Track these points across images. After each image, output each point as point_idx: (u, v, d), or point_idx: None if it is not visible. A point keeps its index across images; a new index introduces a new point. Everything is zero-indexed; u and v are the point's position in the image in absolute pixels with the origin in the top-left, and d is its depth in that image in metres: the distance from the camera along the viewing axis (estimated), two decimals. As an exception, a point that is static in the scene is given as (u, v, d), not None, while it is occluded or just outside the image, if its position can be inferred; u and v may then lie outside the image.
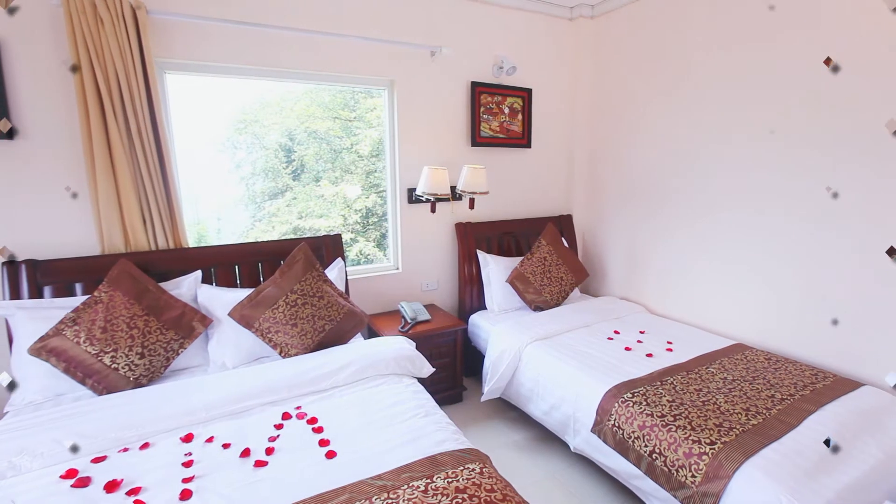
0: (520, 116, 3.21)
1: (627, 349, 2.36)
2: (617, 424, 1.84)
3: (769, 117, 2.31)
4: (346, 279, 2.58)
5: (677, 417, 1.73)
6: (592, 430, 1.95)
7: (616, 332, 2.58)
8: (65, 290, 2.02)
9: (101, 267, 2.03)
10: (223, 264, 2.33)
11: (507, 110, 3.15)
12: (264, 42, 2.39)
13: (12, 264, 1.95)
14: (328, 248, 2.58)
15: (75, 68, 1.90)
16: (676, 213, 2.84)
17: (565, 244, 3.22)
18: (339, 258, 2.56)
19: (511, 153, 3.29)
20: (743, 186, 2.47)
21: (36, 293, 1.97)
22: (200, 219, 2.73)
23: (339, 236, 2.64)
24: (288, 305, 2.11)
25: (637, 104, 3.02)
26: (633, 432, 1.77)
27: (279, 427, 1.61)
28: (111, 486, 1.31)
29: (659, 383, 1.98)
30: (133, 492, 1.30)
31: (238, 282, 2.36)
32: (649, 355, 2.29)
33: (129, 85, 2.03)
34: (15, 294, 1.94)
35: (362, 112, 3.00)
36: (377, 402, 1.77)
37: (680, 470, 1.58)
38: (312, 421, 1.64)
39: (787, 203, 2.28)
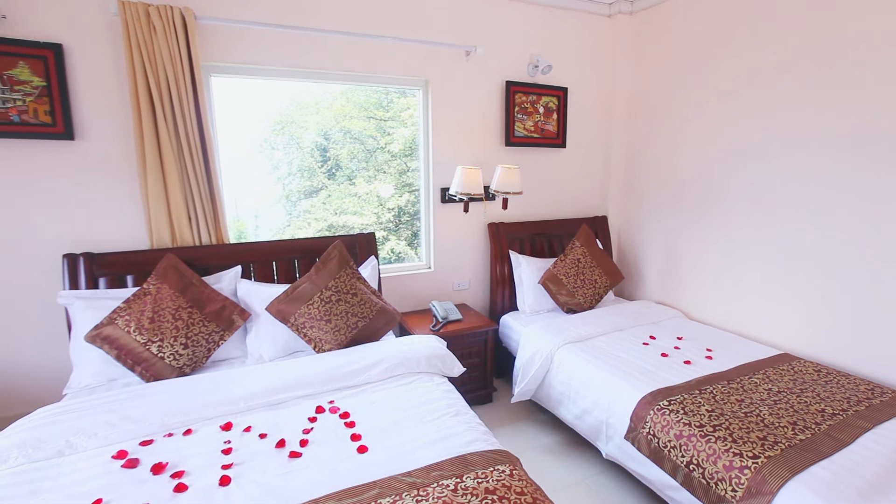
0: (555, 116, 3.16)
1: (664, 355, 2.28)
2: (652, 432, 1.79)
3: (824, 122, 2.18)
4: (379, 277, 2.62)
5: (717, 428, 1.66)
6: (626, 437, 1.90)
7: (652, 338, 2.50)
8: (117, 282, 2.14)
9: (150, 261, 2.15)
10: (261, 260, 2.41)
11: (541, 110, 3.11)
12: (303, 44, 2.46)
13: (72, 257, 2.08)
14: (362, 246, 2.62)
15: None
16: (720, 218, 2.73)
17: (600, 246, 3.15)
18: (373, 256, 2.60)
19: (545, 153, 3.24)
20: (795, 191, 2.34)
21: (92, 284, 2.10)
22: (239, 216, 2.83)
23: (372, 234, 2.68)
24: (322, 302, 2.16)
25: (680, 104, 2.92)
26: (670, 441, 1.71)
27: (313, 420, 1.65)
28: (157, 469, 1.38)
29: (697, 392, 1.90)
30: (177, 475, 1.36)
31: (275, 277, 2.44)
32: (687, 362, 2.21)
33: (178, 88, 2.14)
34: (74, 284, 2.07)
35: (396, 112, 3.03)
36: (408, 400, 1.78)
37: (719, 483, 1.52)
38: (345, 415, 1.68)
39: (843, 210, 2.15)
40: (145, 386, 1.81)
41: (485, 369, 2.73)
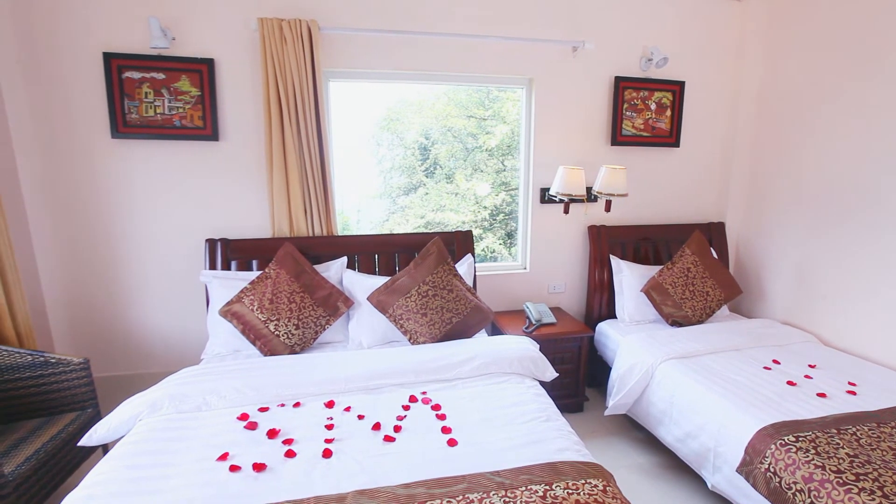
0: (668, 112, 2.93)
1: (790, 384, 2.00)
2: (773, 470, 1.57)
3: None
4: (475, 275, 2.65)
5: (861, 478, 1.41)
6: (738, 470, 1.70)
7: (775, 362, 2.20)
8: (245, 265, 2.43)
9: (272, 248, 2.40)
10: (365, 252, 2.57)
11: (653, 106, 2.90)
12: (410, 47, 2.56)
13: (212, 242, 2.41)
14: (459, 243, 2.67)
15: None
16: (875, 230, 2.30)
17: (714, 255, 2.85)
18: (469, 254, 2.64)
19: (655, 153, 3.02)
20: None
21: (226, 266, 2.41)
22: (344, 209, 3.05)
23: (469, 232, 2.72)
24: (419, 296, 2.25)
25: (827, 97, 2.50)
26: (796, 483, 1.50)
27: (406, 408, 1.72)
28: (272, 434, 1.54)
29: (835, 431, 1.63)
30: (287, 441, 1.51)
31: (376, 269, 2.59)
32: (821, 395, 1.91)
33: (302, 94, 2.36)
34: (212, 265, 2.40)
35: (496, 110, 3.03)
36: (498, 399, 1.78)
37: (860, 541, 1.29)
38: (436, 408, 1.72)
39: None
40: (263, 359, 2.04)
41: (577, 377, 2.62)
